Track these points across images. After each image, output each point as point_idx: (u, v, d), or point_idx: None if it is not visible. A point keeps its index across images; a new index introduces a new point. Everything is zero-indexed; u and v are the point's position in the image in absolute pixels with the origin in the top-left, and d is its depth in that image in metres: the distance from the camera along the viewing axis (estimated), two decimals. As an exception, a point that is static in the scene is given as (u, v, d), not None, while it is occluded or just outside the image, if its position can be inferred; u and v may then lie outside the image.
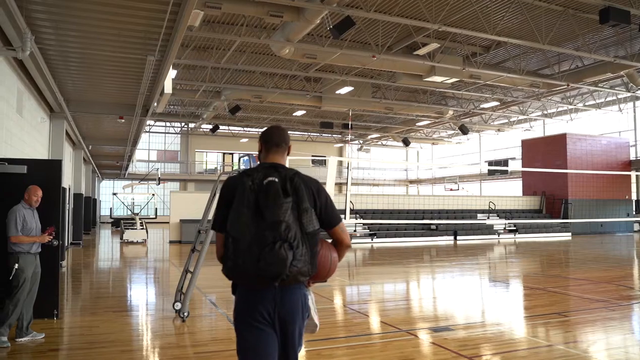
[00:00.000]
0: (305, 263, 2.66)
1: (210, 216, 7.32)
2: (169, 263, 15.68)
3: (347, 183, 8.54)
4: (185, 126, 44.03)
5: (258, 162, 3.02)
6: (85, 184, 26.13)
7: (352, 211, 22.49)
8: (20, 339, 6.27)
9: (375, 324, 7.51)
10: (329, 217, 2.89)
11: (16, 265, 6.17)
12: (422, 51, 18.13)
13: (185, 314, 7.37)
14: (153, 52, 8.23)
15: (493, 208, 28.40)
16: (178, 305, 7.54)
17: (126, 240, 22.74)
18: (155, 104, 13.34)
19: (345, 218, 8.67)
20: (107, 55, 8.79)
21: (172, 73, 10.01)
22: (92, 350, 5.99)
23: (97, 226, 37.09)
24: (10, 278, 6.17)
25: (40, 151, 12.22)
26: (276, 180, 2.73)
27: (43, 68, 8.83)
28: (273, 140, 2.98)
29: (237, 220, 2.66)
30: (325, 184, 8.34)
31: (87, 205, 26.16)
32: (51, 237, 6.54)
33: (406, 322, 7.45)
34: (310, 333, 3.11)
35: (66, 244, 17.85)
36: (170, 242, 23.22)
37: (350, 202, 23.49)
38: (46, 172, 7.37)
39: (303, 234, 2.68)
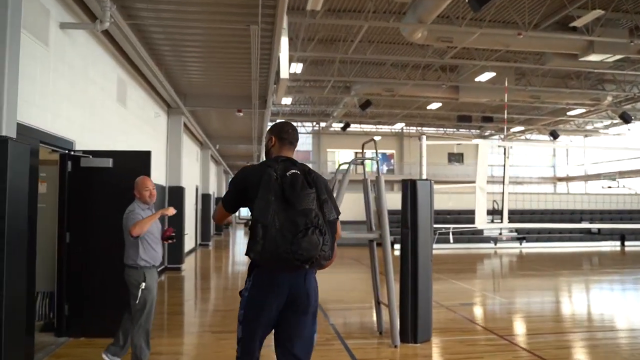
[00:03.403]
0: (329, 248, 2.88)
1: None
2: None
3: (503, 177, 6.57)
4: (316, 125, 43.50)
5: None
6: (217, 185, 26.12)
7: (496, 211, 19.99)
8: None
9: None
10: (334, 208, 3.03)
11: (143, 285, 4.90)
12: (581, 22, 15.29)
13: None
14: (256, 20, 6.90)
15: (671, 208, 24.14)
16: (287, 329, 6.07)
17: (254, 242, 22.08)
18: (274, 96, 12.21)
19: (502, 221, 6.74)
20: (207, 28, 7.77)
21: (286, 52, 8.75)
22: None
23: (233, 227, 37.55)
24: (137, 301, 4.88)
25: (154, 147, 11.52)
26: (298, 172, 2.92)
27: (139, 50, 7.86)
28: (288, 139, 3.21)
29: (266, 208, 2.79)
30: (465, 181, 6.60)
31: (218, 206, 26.10)
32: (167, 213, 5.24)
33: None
34: None
35: (192, 246, 17.42)
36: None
37: (494, 201, 21.04)
38: (134, 165, 6.27)
39: (325, 221, 2.87)
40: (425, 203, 5.91)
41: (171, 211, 5.24)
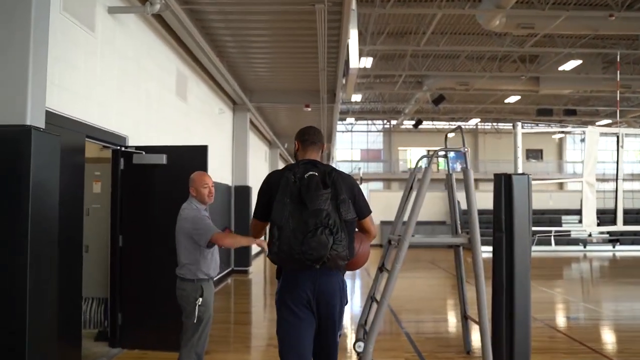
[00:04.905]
0: (344, 248, 2.86)
1: (406, 217, 5.21)
2: (363, 272, 13.70)
3: (617, 170, 5.54)
4: (387, 123, 42.52)
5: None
6: (285, 185, 25.72)
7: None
8: None
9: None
10: (361, 209, 3.19)
11: (199, 301, 4.15)
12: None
13: (368, 363, 5.07)
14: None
15: None
16: (360, 347, 5.30)
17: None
18: (343, 93, 11.53)
19: (616, 222, 5.71)
20: (270, 13, 7.28)
21: (355, 37, 8.01)
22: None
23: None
24: (194, 320, 4.14)
25: (219, 145, 11.09)
26: (316, 174, 2.98)
27: (198, 39, 7.33)
28: (310, 139, 3.25)
29: (282, 210, 2.88)
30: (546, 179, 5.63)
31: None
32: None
33: None
34: None
35: (260, 248, 17.00)
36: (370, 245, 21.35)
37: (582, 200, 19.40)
38: (190, 161, 5.68)
39: (341, 221, 2.89)
40: (522, 202, 4.98)
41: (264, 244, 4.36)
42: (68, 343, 4.73)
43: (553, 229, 15.18)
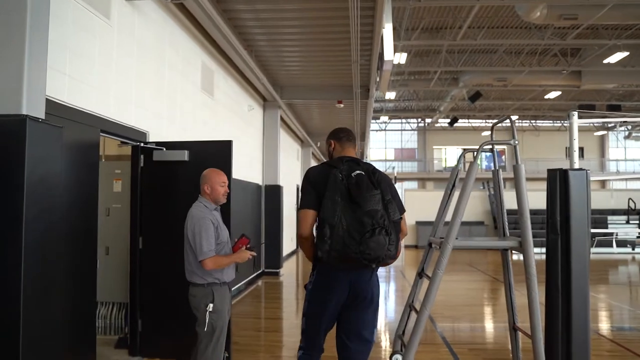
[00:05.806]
0: (394, 248, 2.94)
1: (448, 218, 4.75)
2: (399, 274, 13.18)
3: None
4: (422, 122, 41.76)
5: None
6: (318, 185, 25.34)
7: (634, 211, 17.51)
8: None
9: None
10: (398, 207, 3.12)
11: (210, 307, 3.82)
12: None
13: (407, 379, 4.59)
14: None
15: None
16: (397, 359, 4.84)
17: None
18: (377, 90, 11.05)
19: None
20: (301, 1, 6.80)
21: (390, 29, 7.49)
22: None
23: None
24: (205, 329, 3.82)
25: (249, 143, 10.74)
26: (363, 173, 3.02)
27: (224, 30, 6.95)
28: (345, 136, 3.35)
29: (333, 208, 2.89)
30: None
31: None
32: (253, 254, 4.06)
33: None
34: None
35: (292, 249, 16.62)
36: (405, 246, 20.82)
37: (631, 199, 18.49)
38: (214, 158, 5.28)
39: (390, 222, 2.94)
40: (580, 201, 4.44)
41: (247, 256, 4.02)
42: (80, 349, 4.41)
43: (614, 230, 14.35)
